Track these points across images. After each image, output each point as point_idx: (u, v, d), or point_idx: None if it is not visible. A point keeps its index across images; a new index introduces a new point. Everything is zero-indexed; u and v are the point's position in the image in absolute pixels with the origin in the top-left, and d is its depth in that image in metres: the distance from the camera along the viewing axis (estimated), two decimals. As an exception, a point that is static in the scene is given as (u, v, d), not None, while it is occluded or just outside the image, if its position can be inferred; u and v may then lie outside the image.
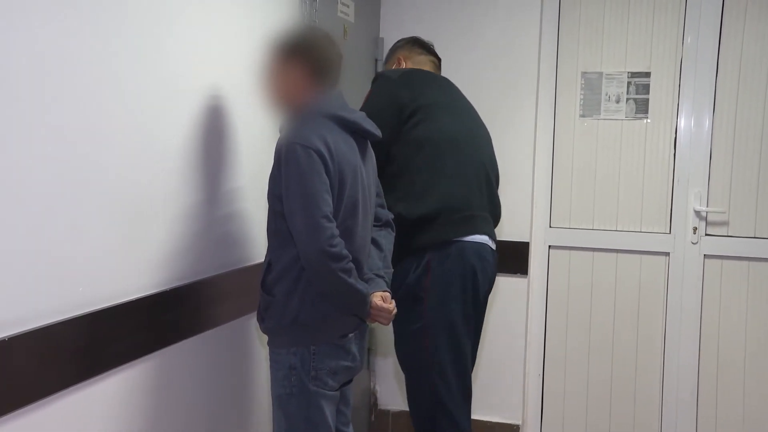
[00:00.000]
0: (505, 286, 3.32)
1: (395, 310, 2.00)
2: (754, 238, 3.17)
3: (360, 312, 1.95)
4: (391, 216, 2.18)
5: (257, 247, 2.29)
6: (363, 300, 1.92)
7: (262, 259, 2.00)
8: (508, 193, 2.98)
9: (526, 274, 3.38)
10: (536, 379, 3.46)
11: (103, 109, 1.64)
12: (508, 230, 3.28)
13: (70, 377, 1.57)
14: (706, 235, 3.22)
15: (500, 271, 2.68)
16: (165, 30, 1.86)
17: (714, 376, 3.25)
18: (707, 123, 3.19)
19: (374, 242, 2.09)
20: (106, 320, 1.66)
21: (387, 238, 2.14)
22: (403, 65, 2.56)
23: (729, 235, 3.20)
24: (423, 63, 2.59)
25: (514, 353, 3.39)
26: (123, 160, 1.72)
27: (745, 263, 3.19)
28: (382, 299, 1.97)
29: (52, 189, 1.51)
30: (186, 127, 1.95)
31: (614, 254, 3.31)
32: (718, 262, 3.22)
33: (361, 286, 1.91)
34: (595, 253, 3.36)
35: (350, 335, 1.98)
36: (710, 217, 3.22)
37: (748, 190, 3.17)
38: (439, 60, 2.68)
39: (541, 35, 3.32)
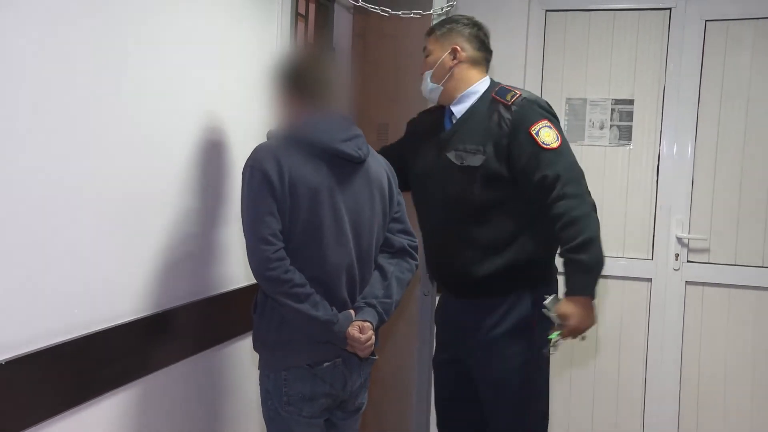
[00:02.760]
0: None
1: (370, 341, 1.88)
2: (735, 265, 3.20)
3: (332, 340, 1.86)
4: (407, 242, 2.05)
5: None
6: (326, 328, 1.82)
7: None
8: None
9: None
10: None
11: (104, 128, 1.64)
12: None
13: (62, 402, 1.55)
14: (688, 261, 3.25)
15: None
16: (169, 50, 1.87)
17: (695, 401, 3.26)
18: (689, 150, 3.22)
19: (380, 269, 1.99)
20: (100, 343, 1.64)
21: (398, 266, 2.01)
22: (458, 56, 2.22)
23: (710, 262, 3.23)
24: (478, 62, 2.26)
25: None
26: (122, 175, 1.71)
27: (725, 290, 3.21)
28: (359, 329, 1.86)
29: (50, 207, 1.50)
30: (186, 149, 1.96)
31: (597, 280, 3.31)
32: (700, 288, 3.24)
33: (321, 313, 1.80)
34: (578, 279, 3.35)
35: (326, 364, 1.88)
36: (692, 244, 3.24)
37: (729, 218, 3.20)
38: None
39: (526, 61, 3.32)
